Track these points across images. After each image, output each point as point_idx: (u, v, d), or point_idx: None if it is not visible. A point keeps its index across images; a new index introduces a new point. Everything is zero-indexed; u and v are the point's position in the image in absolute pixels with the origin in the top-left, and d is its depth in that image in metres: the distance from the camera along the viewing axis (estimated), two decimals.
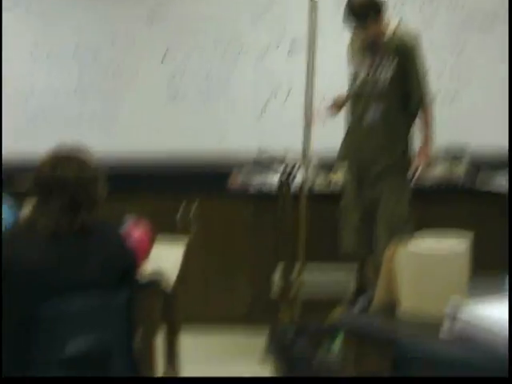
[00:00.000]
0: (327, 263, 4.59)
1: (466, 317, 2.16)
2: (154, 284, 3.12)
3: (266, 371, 3.97)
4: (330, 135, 4.83)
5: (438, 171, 4.92)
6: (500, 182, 4.02)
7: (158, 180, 5.05)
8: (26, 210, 2.89)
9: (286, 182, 4.31)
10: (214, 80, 5.10)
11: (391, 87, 4.12)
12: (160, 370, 3.40)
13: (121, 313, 2.64)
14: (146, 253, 3.24)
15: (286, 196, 4.33)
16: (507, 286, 2.17)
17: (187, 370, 3.85)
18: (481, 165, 4.76)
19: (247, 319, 4.92)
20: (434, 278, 2.39)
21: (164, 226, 4.40)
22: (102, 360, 2.61)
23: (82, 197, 2.61)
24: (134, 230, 3.28)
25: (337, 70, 4.87)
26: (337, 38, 4.85)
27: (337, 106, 4.35)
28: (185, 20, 5.08)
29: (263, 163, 4.58)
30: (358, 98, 4.24)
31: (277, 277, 4.66)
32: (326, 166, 4.85)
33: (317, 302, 4.58)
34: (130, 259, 2.75)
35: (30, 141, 4.97)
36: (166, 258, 3.36)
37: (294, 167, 4.30)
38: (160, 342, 3.52)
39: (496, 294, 2.33)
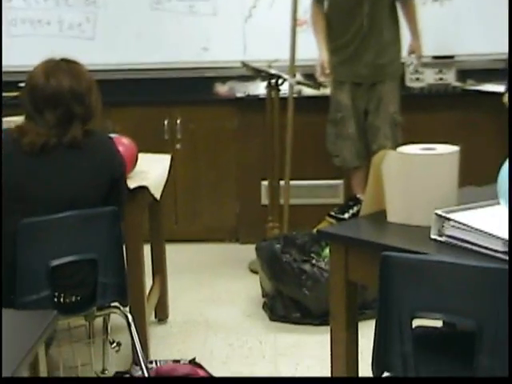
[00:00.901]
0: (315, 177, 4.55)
1: (456, 220, 2.14)
2: (142, 194, 3.09)
3: (255, 281, 3.99)
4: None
5: (428, 78, 4.87)
6: (488, 88, 3.96)
7: (142, 91, 4.96)
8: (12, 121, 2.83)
9: (274, 86, 4.22)
10: None
11: None
12: (148, 281, 3.41)
13: (108, 223, 2.62)
14: (132, 164, 3.19)
15: (274, 101, 4.25)
16: (498, 194, 2.13)
17: (175, 278, 3.87)
18: (469, 72, 4.68)
19: (236, 230, 4.93)
20: (423, 181, 2.35)
21: (151, 138, 4.36)
22: (87, 269, 2.61)
23: (78, 108, 2.56)
24: (119, 142, 3.22)
25: None
26: None
27: (324, 72, 4.18)
28: None
29: (249, 72, 4.49)
30: (349, 12, 4.10)
31: (265, 185, 4.65)
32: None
33: (306, 209, 4.58)
34: (120, 167, 2.71)
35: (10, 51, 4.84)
36: (153, 170, 3.32)
37: (280, 76, 4.21)
38: (147, 252, 3.52)
39: (485, 202, 2.30)
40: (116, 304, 2.76)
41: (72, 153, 2.57)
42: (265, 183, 4.65)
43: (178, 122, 4.68)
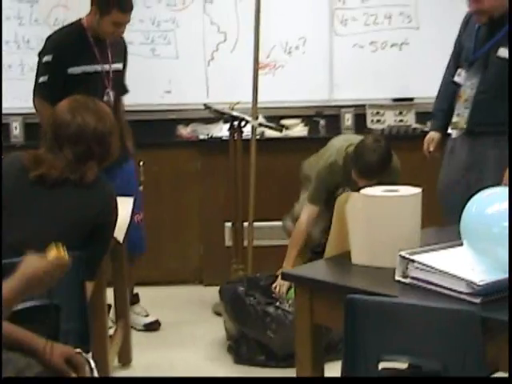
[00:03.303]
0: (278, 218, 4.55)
1: (420, 262, 2.15)
2: None
3: (219, 324, 3.96)
4: (277, 86, 4.86)
5: (388, 119, 4.95)
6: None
7: None
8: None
9: (237, 128, 4.25)
10: (160, 27, 4.96)
11: None
12: (110, 322, 3.37)
13: (71, 268, 2.58)
14: None
15: (237, 143, 4.27)
16: (460, 235, 2.15)
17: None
18: (428, 114, 4.76)
19: (200, 272, 4.90)
20: (387, 223, 2.37)
21: None
22: (49, 314, 2.57)
23: (97, 149, 2.59)
24: None
25: (285, 19, 4.86)
26: None
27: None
28: None
29: (212, 114, 4.52)
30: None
31: (228, 227, 4.64)
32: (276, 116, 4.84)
33: (269, 251, 4.58)
34: (109, 215, 2.69)
35: None
36: None
37: (243, 118, 4.24)
38: (111, 294, 3.48)
39: (449, 243, 2.32)
40: (78, 350, 2.72)
41: (72, 190, 2.58)
42: (228, 225, 4.64)
43: (141, 163, 4.66)
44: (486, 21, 3.39)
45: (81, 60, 3.80)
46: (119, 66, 3.97)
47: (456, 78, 3.60)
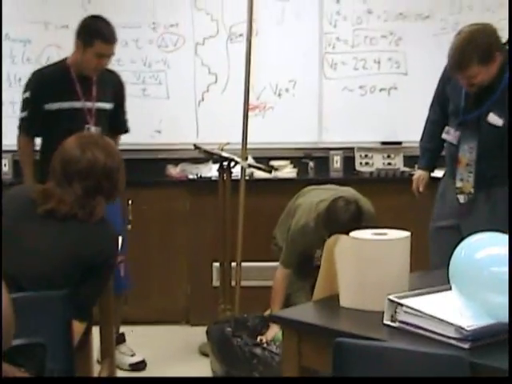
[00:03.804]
0: (266, 259, 4.55)
1: (409, 306, 2.15)
2: None
3: (205, 365, 3.93)
4: (267, 128, 4.90)
5: (376, 163, 4.98)
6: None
7: None
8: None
9: (227, 169, 4.27)
10: (151, 68, 5.00)
11: None
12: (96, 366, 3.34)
13: (58, 307, 2.57)
14: None
15: (226, 183, 4.29)
16: (448, 280, 2.16)
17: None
18: (416, 158, 4.80)
19: (187, 312, 4.88)
20: (375, 266, 2.38)
21: None
22: (35, 353, 2.55)
23: (106, 184, 2.61)
24: None
25: (276, 62, 4.92)
26: (276, 28, 4.90)
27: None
28: (122, 4, 4.95)
29: (201, 155, 4.54)
30: None
31: (216, 267, 4.64)
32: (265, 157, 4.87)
33: (257, 291, 4.56)
34: (108, 258, 2.67)
35: None
36: None
37: (232, 159, 4.26)
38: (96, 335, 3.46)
39: (437, 287, 2.33)
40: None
41: (78, 226, 2.57)
42: (216, 265, 4.64)
43: (130, 202, 4.67)
44: (475, 90, 3.41)
45: (58, 96, 3.88)
46: (105, 104, 4.00)
47: (445, 136, 3.62)
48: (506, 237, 2.16)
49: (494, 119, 3.40)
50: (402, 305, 2.18)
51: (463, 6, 4.93)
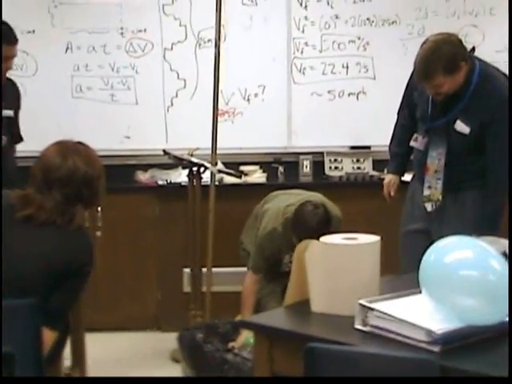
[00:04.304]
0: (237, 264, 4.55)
1: (379, 310, 2.16)
2: None
3: (177, 371, 3.92)
4: (236, 133, 4.90)
5: (346, 167, 5.01)
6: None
7: None
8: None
9: (196, 174, 4.26)
10: (119, 73, 4.97)
11: None
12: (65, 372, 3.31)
13: (27, 316, 2.54)
14: None
15: (196, 189, 4.28)
16: (418, 284, 2.18)
17: (95, 368, 3.77)
18: (384, 162, 4.83)
19: (158, 318, 4.86)
20: (346, 271, 2.39)
21: None
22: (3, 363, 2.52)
23: (86, 192, 2.60)
24: None
25: (245, 67, 4.92)
26: (244, 33, 4.91)
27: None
28: (89, 9, 4.92)
29: (171, 160, 4.52)
30: None
31: (187, 273, 4.62)
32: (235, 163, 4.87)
33: (228, 297, 4.56)
34: (83, 266, 2.63)
35: None
36: None
37: (202, 164, 4.26)
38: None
39: (407, 291, 2.34)
40: None
41: (54, 233, 2.56)
42: (187, 270, 4.62)
43: (99, 209, 4.63)
44: (442, 98, 3.44)
45: None
46: (9, 112, 3.94)
47: (413, 144, 3.64)
48: (474, 240, 2.19)
49: (462, 127, 3.44)
50: (372, 309, 2.18)
51: (429, 11, 4.98)
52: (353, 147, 5.04)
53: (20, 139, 4.12)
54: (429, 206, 3.58)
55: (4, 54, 3.73)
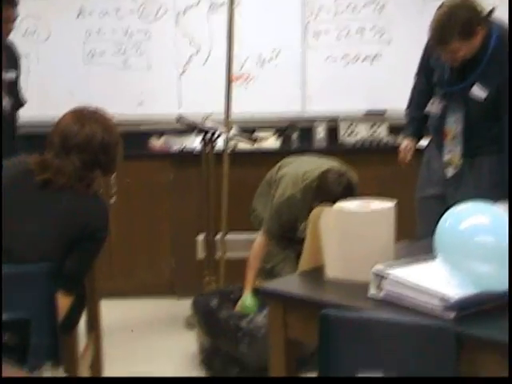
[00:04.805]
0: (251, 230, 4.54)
1: (394, 277, 2.15)
2: None
3: (192, 337, 3.94)
4: (250, 98, 4.86)
5: (361, 132, 4.96)
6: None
7: None
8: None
9: (209, 141, 4.23)
10: (132, 38, 4.94)
11: None
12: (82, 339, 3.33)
13: (42, 281, 2.55)
14: None
15: (210, 155, 4.26)
16: (434, 249, 2.16)
17: (110, 335, 3.80)
18: (400, 127, 4.79)
19: (172, 284, 4.88)
20: (360, 237, 2.37)
21: None
22: (19, 328, 2.53)
23: (103, 158, 2.62)
24: None
25: (259, 32, 4.87)
26: None
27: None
28: None
29: (184, 126, 4.50)
30: None
31: (201, 240, 4.62)
32: (249, 129, 4.84)
33: (242, 263, 4.56)
34: (97, 231, 2.64)
35: None
36: None
37: (216, 130, 4.23)
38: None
39: (422, 256, 2.32)
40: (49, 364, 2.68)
41: (72, 197, 2.58)
42: (201, 237, 4.62)
43: (113, 176, 4.63)
44: (458, 64, 3.39)
45: None
46: (12, 74, 3.94)
47: (430, 108, 3.60)
48: (490, 206, 2.16)
49: (478, 92, 3.39)
50: (387, 275, 2.17)
51: None
52: (368, 112, 5.00)
53: (20, 104, 4.09)
54: (449, 172, 3.55)
55: (4, 15, 3.70)
